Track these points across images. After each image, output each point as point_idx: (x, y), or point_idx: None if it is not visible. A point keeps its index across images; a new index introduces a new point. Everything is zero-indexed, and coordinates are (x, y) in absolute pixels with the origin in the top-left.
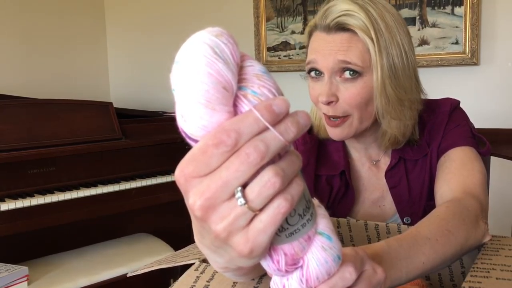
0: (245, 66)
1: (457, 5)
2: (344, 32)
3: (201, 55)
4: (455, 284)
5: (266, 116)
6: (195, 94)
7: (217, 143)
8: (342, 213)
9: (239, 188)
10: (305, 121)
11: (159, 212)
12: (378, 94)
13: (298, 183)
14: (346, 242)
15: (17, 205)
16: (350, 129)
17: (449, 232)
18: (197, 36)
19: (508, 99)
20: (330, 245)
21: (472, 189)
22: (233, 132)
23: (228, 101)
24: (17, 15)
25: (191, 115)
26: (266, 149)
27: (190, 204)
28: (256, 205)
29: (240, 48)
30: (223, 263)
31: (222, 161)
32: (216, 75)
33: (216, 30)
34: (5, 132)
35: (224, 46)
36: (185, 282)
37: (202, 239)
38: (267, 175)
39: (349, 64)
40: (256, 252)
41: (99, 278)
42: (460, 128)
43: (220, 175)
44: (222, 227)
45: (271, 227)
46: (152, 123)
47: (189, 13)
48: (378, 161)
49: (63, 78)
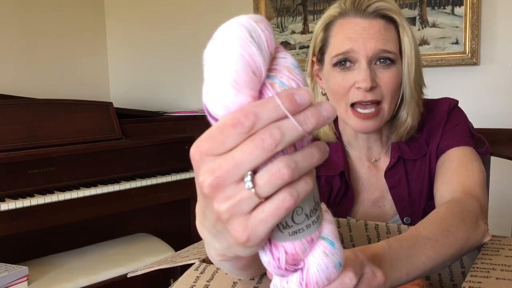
0: (278, 57)
1: (457, 5)
2: (380, 19)
3: (237, 36)
4: (455, 284)
5: (287, 104)
6: (223, 73)
7: (235, 124)
8: (342, 213)
9: (250, 172)
10: (328, 113)
11: (159, 212)
12: (409, 81)
13: (307, 182)
14: (346, 242)
15: (17, 205)
16: (381, 121)
17: (449, 233)
18: (237, 19)
19: (508, 99)
20: (332, 251)
21: (472, 189)
22: (251, 115)
23: (255, 85)
24: (17, 15)
25: (216, 93)
26: (281, 137)
27: (200, 181)
28: (262, 192)
29: None
30: (221, 250)
31: (237, 142)
32: (248, 58)
33: (257, 17)
34: (5, 132)
35: (261, 32)
36: (185, 282)
37: (205, 221)
38: (278, 165)
39: (389, 53)
40: (253, 242)
41: (99, 278)
42: (459, 128)
43: (233, 156)
44: (226, 208)
45: (272, 219)
46: (152, 123)
47: (189, 13)
48: (378, 160)
49: (63, 78)
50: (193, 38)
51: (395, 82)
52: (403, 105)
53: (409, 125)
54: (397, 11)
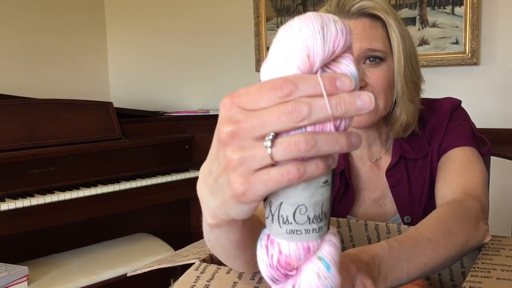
0: (342, 62)
1: (457, 5)
2: (365, 18)
3: (311, 22)
4: (455, 284)
5: (326, 85)
6: (284, 47)
7: (273, 87)
8: (342, 212)
9: (272, 133)
10: (362, 104)
11: (159, 212)
12: (400, 77)
13: (318, 166)
14: (346, 242)
15: (17, 205)
16: (374, 115)
17: (450, 233)
18: (322, 13)
19: (508, 99)
20: (326, 275)
21: (473, 189)
22: (291, 83)
23: (304, 68)
24: (17, 15)
25: (271, 62)
26: (309, 113)
27: (221, 126)
28: (277, 156)
29: (240, 48)
30: (214, 208)
31: (270, 104)
32: (309, 42)
33: (340, 20)
34: (5, 132)
35: (333, 30)
36: (185, 282)
37: (209, 176)
38: (300, 137)
39: (375, 51)
40: (247, 198)
41: (99, 278)
42: (461, 128)
43: (261, 115)
44: (238, 156)
45: (273, 184)
46: (152, 123)
47: (189, 13)
48: (379, 159)
49: (63, 78)
50: (194, 38)
51: (386, 79)
52: (397, 101)
53: (403, 121)
54: (382, 8)
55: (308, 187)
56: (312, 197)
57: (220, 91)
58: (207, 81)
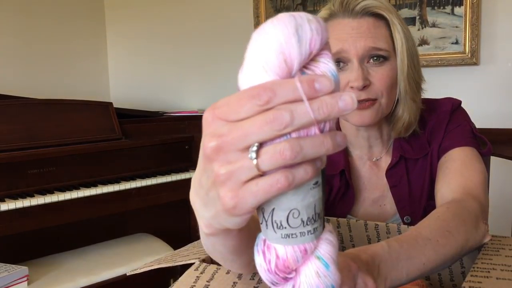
0: (320, 60)
1: (457, 5)
2: (369, 17)
3: (284, 26)
4: (455, 284)
5: (305, 88)
6: (259, 53)
7: (252, 95)
8: (342, 212)
9: (257, 144)
10: (345, 105)
11: (159, 212)
12: (403, 77)
13: (307, 171)
14: (346, 242)
15: (17, 205)
16: (377, 113)
17: (450, 233)
18: (295, 12)
19: (508, 99)
20: (325, 273)
21: (473, 190)
22: (269, 91)
23: (282, 73)
24: (17, 15)
25: (248, 69)
26: (291, 120)
27: (205, 142)
28: (263, 166)
29: (239, 48)
30: (208, 219)
31: (251, 114)
32: (284, 47)
33: (314, 17)
34: (5, 132)
35: (308, 30)
36: (185, 282)
37: (200, 188)
38: (285, 145)
39: (380, 50)
40: (238, 211)
41: (99, 278)
42: (461, 128)
43: (243, 126)
44: (225, 171)
45: (263, 195)
46: (152, 123)
47: (189, 13)
48: (379, 159)
49: (63, 78)
50: (193, 38)
51: (390, 79)
52: (399, 100)
53: (405, 120)
54: (386, 8)
55: (299, 191)
56: (304, 200)
57: (220, 91)
58: (207, 81)
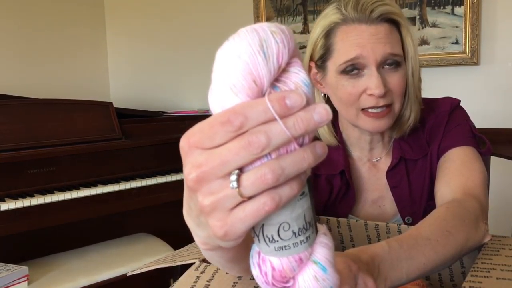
0: (291, 71)
1: (457, 5)
2: (385, 23)
3: (247, 43)
4: (455, 284)
5: (276, 107)
6: (226, 75)
7: (223, 122)
8: (342, 212)
9: (236, 171)
10: (320, 118)
11: (159, 212)
12: (414, 81)
13: (292, 188)
14: (346, 242)
15: (17, 205)
16: (392, 119)
17: (450, 233)
18: (257, 25)
19: (508, 99)
20: (323, 277)
21: (473, 189)
22: (241, 115)
23: (253, 94)
24: (17, 15)
25: (216, 92)
26: (268, 142)
27: (186, 173)
28: (246, 192)
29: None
30: (204, 238)
31: (225, 140)
32: (251, 66)
33: (277, 27)
34: (5, 132)
35: (273, 44)
36: (185, 282)
37: (190, 211)
38: (265, 169)
39: (396, 56)
40: (229, 237)
41: (99, 278)
42: (460, 128)
43: (221, 153)
44: (209, 202)
45: (251, 219)
46: (152, 123)
47: (189, 13)
48: (379, 160)
49: (63, 78)
50: (194, 38)
51: (403, 84)
52: (407, 103)
53: (411, 122)
54: (400, 13)
55: (286, 205)
56: (293, 212)
57: None
58: (207, 81)
